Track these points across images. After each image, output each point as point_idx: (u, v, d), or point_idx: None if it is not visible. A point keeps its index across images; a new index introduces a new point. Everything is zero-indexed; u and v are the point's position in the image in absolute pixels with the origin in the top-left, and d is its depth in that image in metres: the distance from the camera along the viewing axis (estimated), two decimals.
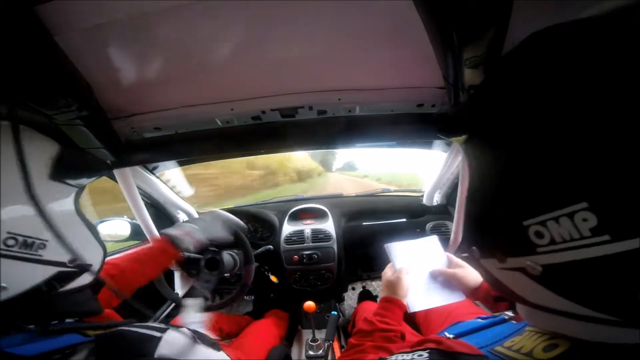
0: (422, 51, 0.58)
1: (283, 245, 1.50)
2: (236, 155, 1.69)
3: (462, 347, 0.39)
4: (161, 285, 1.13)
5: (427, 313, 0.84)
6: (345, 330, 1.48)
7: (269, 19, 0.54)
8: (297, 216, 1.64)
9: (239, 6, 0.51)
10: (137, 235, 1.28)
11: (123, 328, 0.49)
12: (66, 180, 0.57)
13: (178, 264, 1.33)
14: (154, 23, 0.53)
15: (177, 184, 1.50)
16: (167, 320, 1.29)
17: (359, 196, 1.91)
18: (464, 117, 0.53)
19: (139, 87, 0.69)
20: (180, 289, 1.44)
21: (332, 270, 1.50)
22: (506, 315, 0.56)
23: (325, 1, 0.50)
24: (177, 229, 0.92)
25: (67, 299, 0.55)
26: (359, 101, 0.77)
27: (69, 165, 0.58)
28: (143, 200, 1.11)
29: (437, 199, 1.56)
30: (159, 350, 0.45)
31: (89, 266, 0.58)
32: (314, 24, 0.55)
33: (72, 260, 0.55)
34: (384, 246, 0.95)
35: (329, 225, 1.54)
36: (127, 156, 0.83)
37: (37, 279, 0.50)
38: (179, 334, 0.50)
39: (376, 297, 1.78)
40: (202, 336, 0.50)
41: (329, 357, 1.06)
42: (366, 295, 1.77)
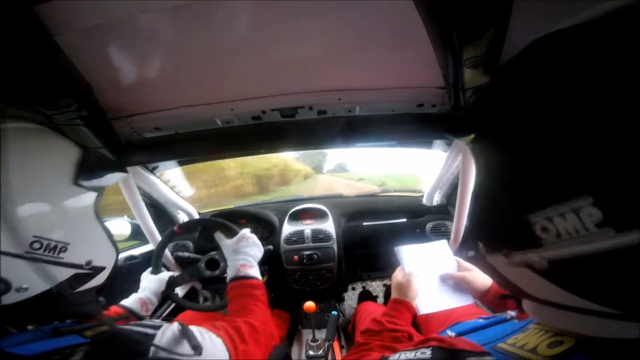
0: (422, 51, 0.58)
1: (283, 246, 1.50)
2: (236, 155, 1.69)
3: (465, 345, 0.39)
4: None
5: (428, 314, 0.84)
6: (345, 330, 1.47)
7: (269, 19, 0.54)
8: (297, 216, 1.64)
9: (239, 6, 0.51)
10: (137, 235, 1.28)
11: (118, 327, 0.49)
12: (88, 184, 0.58)
13: (178, 264, 1.33)
14: (154, 23, 0.53)
15: (177, 184, 1.50)
16: (167, 320, 1.28)
17: (359, 196, 1.92)
18: (472, 118, 0.54)
19: (139, 87, 0.69)
20: (180, 289, 1.44)
21: (332, 270, 1.50)
22: (508, 315, 0.56)
23: (325, 1, 0.50)
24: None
25: (69, 300, 0.55)
26: (359, 101, 0.77)
27: (91, 169, 0.59)
28: (143, 200, 1.11)
29: (437, 199, 1.56)
30: (152, 353, 0.44)
31: (102, 268, 0.59)
32: (314, 24, 0.55)
33: (88, 263, 0.56)
34: (394, 249, 0.95)
35: (329, 226, 1.54)
36: (127, 156, 0.83)
37: (56, 281, 0.51)
38: (173, 328, 0.50)
39: (376, 297, 1.78)
40: (189, 335, 0.50)
41: (329, 357, 1.06)
42: (366, 296, 1.77)
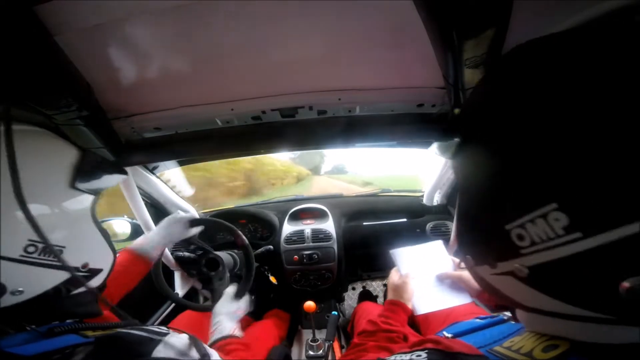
0: (422, 51, 0.58)
1: (283, 245, 1.50)
2: (236, 155, 1.69)
3: (461, 347, 0.39)
4: (160, 285, 1.13)
5: (427, 314, 0.85)
6: (345, 330, 1.47)
7: (269, 19, 0.54)
8: (297, 216, 1.64)
9: (238, 6, 0.51)
10: (137, 235, 1.27)
11: (122, 330, 0.49)
12: (85, 187, 0.58)
13: (178, 264, 1.33)
14: (154, 23, 0.53)
15: (177, 184, 1.50)
16: (167, 321, 1.28)
17: (359, 196, 1.92)
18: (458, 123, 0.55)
19: (139, 87, 0.69)
20: (180, 289, 1.44)
21: (332, 270, 1.50)
22: (505, 316, 0.56)
23: (325, 1, 0.50)
24: (139, 239, 0.94)
25: (69, 300, 0.55)
26: (359, 101, 0.77)
27: (88, 172, 0.59)
28: (143, 200, 1.11)
29: (437, 199, 1.56)
30: (155, 353, 0.45)
31: (99, 271, 0.59)
32: (314, 24, 0.55)
33: (84, 265, 0.56)
34: (390, 252, 0.96)
35: (329, 225, 1.54)
36: (127, 156, 0.82)
37: (52, 283, 0.51)
38: (178, 339, 0.50)
39: (376, 297, 1.78)
40: (198, 344, 0.50)
41: (329, 357, 1.06)
42: (366, 296, 1.77)
